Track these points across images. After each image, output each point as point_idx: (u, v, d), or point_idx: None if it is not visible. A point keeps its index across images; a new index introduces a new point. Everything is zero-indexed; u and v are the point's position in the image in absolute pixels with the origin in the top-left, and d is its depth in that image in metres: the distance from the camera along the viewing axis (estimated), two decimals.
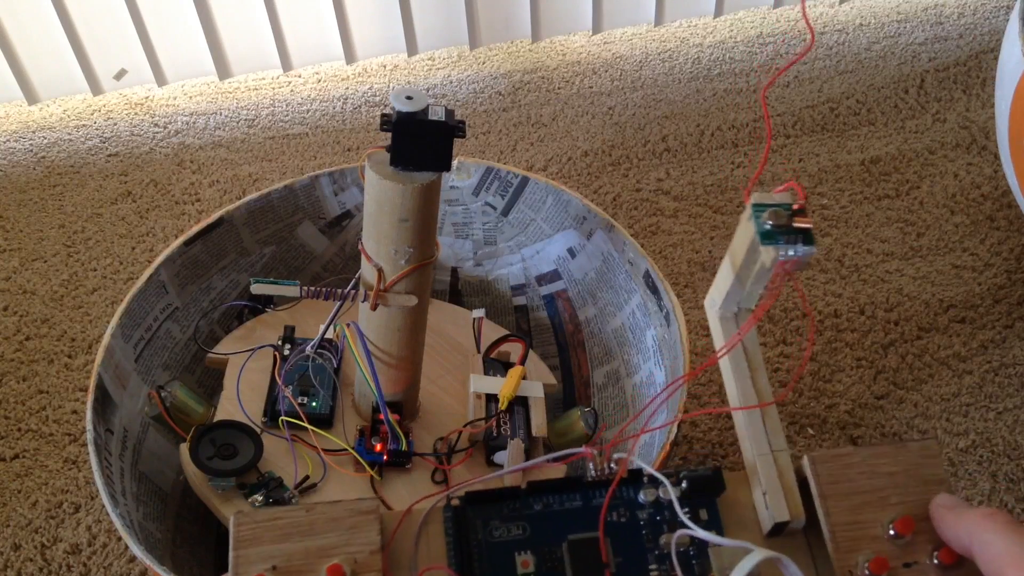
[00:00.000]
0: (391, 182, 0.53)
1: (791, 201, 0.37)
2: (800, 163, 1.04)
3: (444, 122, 0.53)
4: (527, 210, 0.79)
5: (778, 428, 0.40)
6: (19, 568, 0.73)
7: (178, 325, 0.72)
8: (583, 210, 0.76)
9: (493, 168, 0.78)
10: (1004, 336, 0.86)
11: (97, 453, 0.59)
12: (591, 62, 1.20)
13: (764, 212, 0.37)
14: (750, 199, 0.38)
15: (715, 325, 0.43)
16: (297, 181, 0.76)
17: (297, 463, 0.63)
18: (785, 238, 0.37)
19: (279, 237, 0.77)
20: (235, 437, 0.62)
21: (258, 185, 1.04)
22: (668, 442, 0.60)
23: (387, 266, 0.57)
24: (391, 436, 0.63)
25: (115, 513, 0.56)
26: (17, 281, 0.95)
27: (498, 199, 0.79)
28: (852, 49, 1.19)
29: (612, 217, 0.98)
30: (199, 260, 0.73)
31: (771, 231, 0.37)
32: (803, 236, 0.37)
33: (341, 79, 1.19)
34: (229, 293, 0.75)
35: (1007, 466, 0.76)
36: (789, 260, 0.36)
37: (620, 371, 0.76)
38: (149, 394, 0.67)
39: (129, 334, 0.67)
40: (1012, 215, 0.96)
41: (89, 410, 0.61)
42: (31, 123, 1.14)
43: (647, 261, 0.71)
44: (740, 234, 0.39)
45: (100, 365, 0.63)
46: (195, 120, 1.13)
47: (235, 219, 0.74)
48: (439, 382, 0.72)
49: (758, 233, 0.37)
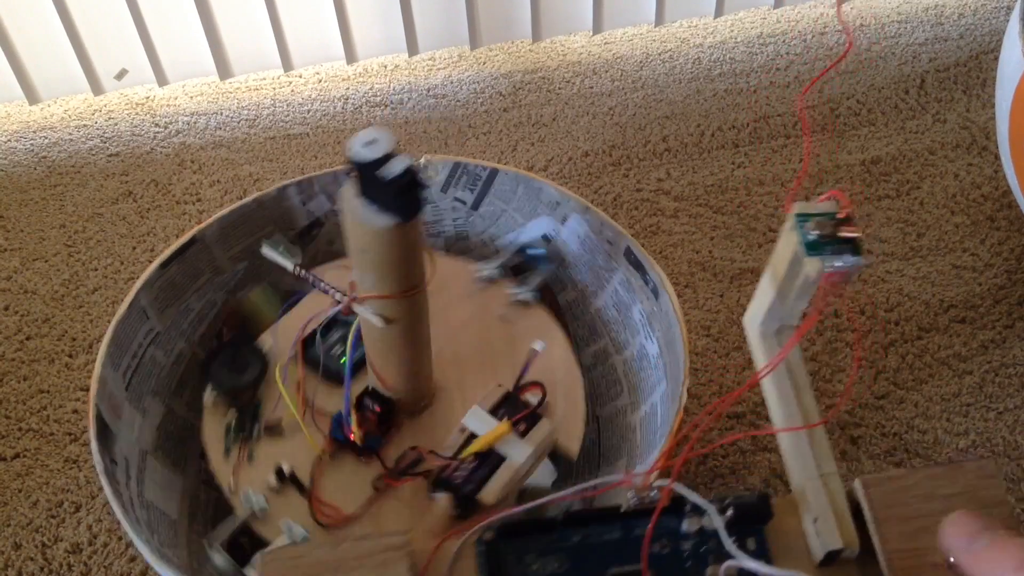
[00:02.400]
0: (349, 212, 0.52)
1: (835, 210, 0.36)
2: (800, 163, 1.04)
3: (386, 183, 0.50)
4: (498, 202, 0.79)
5: (827, 450, 0.38)
6: (20, 567, 0.73)
7: (161, 350, 0.71)
8: (555, 196, 0.76)
9: (460, 163, 0.78)
10: (1004, 336, 0.86)
11: (110, 482, 0.59)
12: (591, 62, 1.20)
13: (808, 222, 0.35)
14: (792, 208, 0.36)
15: (755, 342, 0.40)
16: (264, 194, 0.75)
17: (284, 405, 0.68)
18: (831, 248, 0.35)
19: (251, 251, 0.76)
20: (248, 354, 0.70)
21: (259, 185, 1.04)
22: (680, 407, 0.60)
23: (357, 284, 0.58)
24: (347, 425, 0.64)
25: (139, 539, 0.56)
26: (18, 281, 0.95)
27: (467, 193, 0.79)
28: (852, 49, 1.19)
29: (612, 217, 0.98)
30: (176, 282, 0.72)
31: (816, 241, 0.35)
32: (850, 246, 0.35)
33: (342, 79, 1.19)
34: (207, 314, 0.75)
35: (1007, 466, 0.76)
36: (836, 272, 0.34)
37: (608, 349, 0.76)
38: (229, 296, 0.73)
39: (118, 363, 0.67)
40: (1012, 215, 0.96)
41: (93, 441, 0.61)
42: (32, 123, 1.14)
43: (628, 238, 0.71)
44: (782, 245, 0.37)
45: (96, 396, 0.63)
46: (196, 120, 1.13)
47: (207, 237, 0.74)
48: (471, 363, 0.70)
49: (802, 244, 0.35)
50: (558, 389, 0.68)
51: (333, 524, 0.62)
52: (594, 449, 0.73)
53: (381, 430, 0.66)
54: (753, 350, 0.41)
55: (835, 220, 0.35)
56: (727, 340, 0.87)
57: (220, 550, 0.62)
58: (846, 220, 0.35)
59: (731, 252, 0.95)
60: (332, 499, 0.64)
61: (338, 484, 0.64)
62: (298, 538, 0.60)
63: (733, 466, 0.77)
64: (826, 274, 0.34)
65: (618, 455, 0.70)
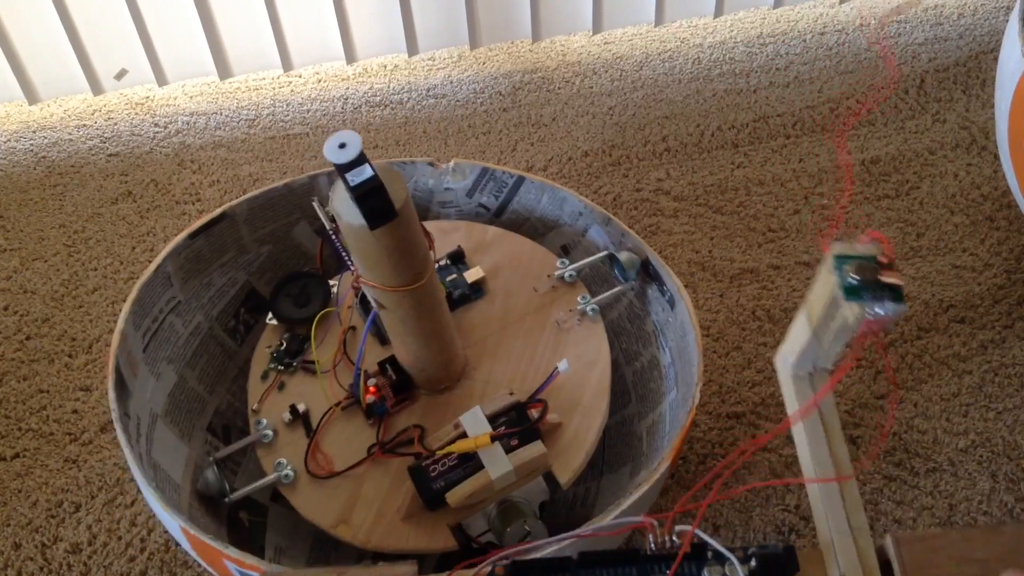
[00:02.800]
0: (335, 205, 0.55)
1: (876, 253, 0.34)
2: (800, 163, 1.04)
3: (351, 188, 0.52)
4: (521, 210, 0.79)
5: (858, 504, 0.37)
6: (19, 567, 0.73)
7: (181, 319, 0.72)
8: (579, 206, 0.76)
9: (489, 169, 0.78)
10: (1004, 336, 0.86)
11: (124, 430, 0.61)
12: (591, 62, 1.20)
13: (848, 265, 0.33)
14: (831, 249, 0.34)
15: (787, 384, 0.39)
16: (296, 180, 0.76)
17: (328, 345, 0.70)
18: (872, 294, 0.33)
19: (276, 236, 0.77)
20: (315, 290, 0.72)
21: (258, 185, 1.04)
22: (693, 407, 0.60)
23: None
24: (356, 385, 0.66)
25: (149, 487, 0.58)
26: (18, 281, 0.95)
27: (492, 199, 0.79)
28: (852, 49, 1.19)
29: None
30: (201, 254, 0.73)
31: (857, 286, 0.33)
32: (891, 292, 0.33)
33: (341, 79, 1.19)
34: (228, 291, 0.76)
35: (1007, 466, 0.76)
36: (877, 319, 0.33)
37: (619, 360, 0.76)
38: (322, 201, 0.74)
39: (139, 323, 0.68)
40: (1012, 215, 0.96)
41: (111, 390, 0.62)
42: (32, 123, 1.14)
43: (647, 250, 0.71)
44: (819, 287, 0.35)
45: (116, 349, 0.64)
46: (195, 120, 1.13)
47: (237, 215, 0.74)
48: (509, 361, 0.70)
49: (842, 288, 0.33)
50: (578, 413, 0.66)
51: (320, 474, 0.64)
52: (598, 456, 0.73)
53: (396, 399, 0.66)
54: (784, 391, 0.39)
55: (877, 264, 0.34)
56: (727, 340, 0.87)
57: (212, 466, 0.64)
58: (888, 265, 0.34)
59: (731, 252, 0.95)
60: (330, 450, 0.65)
61: (341, 438, 0.66)
62: (283, 479, 0.64)
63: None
64: (867, 320, 0.33)
65: (623, 462, 0.70)
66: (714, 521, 0.74)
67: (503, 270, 0.74)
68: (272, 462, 0.65)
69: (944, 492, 0.75)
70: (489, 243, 0.76)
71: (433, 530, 0.61)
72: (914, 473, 0.76)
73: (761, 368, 0.84)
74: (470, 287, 0.73)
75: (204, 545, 0.56)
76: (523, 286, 0.73)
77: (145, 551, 0.74)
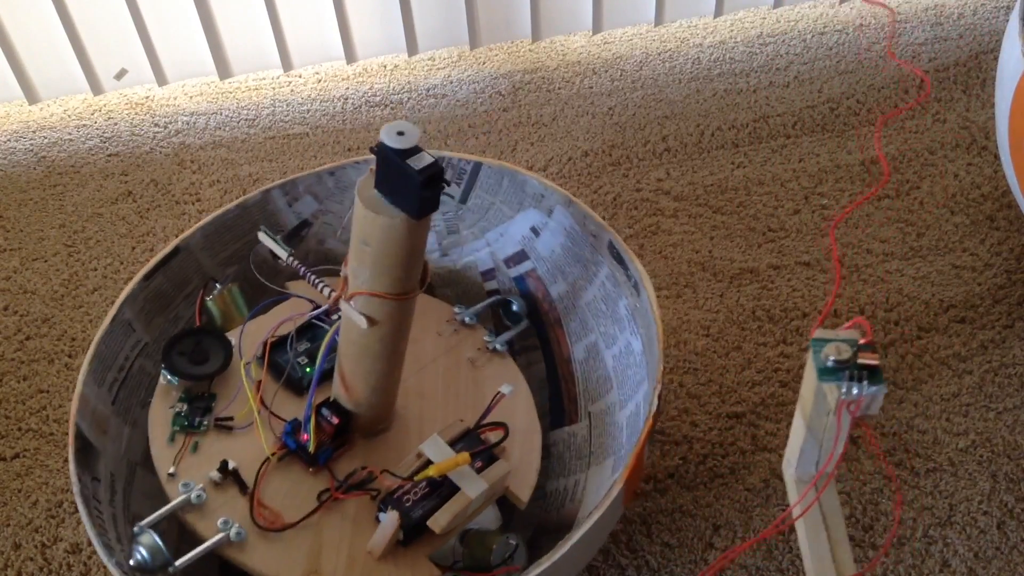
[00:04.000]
0: (361, 202, 0.53)
1: (857, 337, 0.34)
2: (800, 163, 1.04)
3: (415, 172, 0.50)
4: (485, 194, 0.79)
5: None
6: (19, 567, 0.73)
7: (151, 360, 0.71)
8: (540, 188, 0.76)
9: (443, 156, 0.78)
10: (1004, 336, 0.86)
11: (86, 504, 0.58)
12: (591, 62, 1.20)
13: (825, 347, 0.33)
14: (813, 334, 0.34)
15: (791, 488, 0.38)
16: (249, 198, 0.75)
17: (239, 401, 0.67)
18: (847, 374, 0.33)
19: (240, 256, 0.76)
20: (212, 346, 0.68)
21: (258, 185, 1.04)
22: (650, 415, 0.60)
23: (350, 278, 0.58)
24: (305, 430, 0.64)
25: (111, 562, 0.55)
26: (17, 281, 0.95)
27: (454, 187, 0.79)
28: (852, 49, 1.19)
29: (612, 217, 0.98)
30: (162, 291, 0.72)
31: (832, 368, 0.33)
32: (868, 373, 0.33)
33: (341, 79, 1.19)
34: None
35: (1007, 466, 0.76)
36: (853, 400, 0.32)
37: (599, 344, 0.76)
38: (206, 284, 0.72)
39: (101, 378, 0.66)
40: (1012, 215, 0.96)
41: (72, 462, 0.60)
42: (32, 123, 1.14)
43: (609, 232, 0.71)
44: (806, 377, 0.35)
45: (76, 415, 0.62)
46: (195, 120, 1.13)
47: (192, 246, 0.73)
48: (435, 398, 0.71)
49: (817, 370, 0.33)
50: (516, 436, 0.68)
51: (271, 528, 0.61)
52: (585, 446, 0.73)
53: (335, 443, 0.65)
54: (789, 495, 0.39)
55: (855, 346, 0.33)
56: (727, 340, 0.87)
57: (147, 531, 0.58)
58: (867, 347, 0.34)
59: (731, 252, 0.95)
60: (272, 503, 0.63)
61: (282, 490, 0.64)
62: (233, 537, 0.60)
63: (733, 466, 0.77)
64: (842, 401, 0.32)
65: (607, 454, 0.70)
66: (714, 521, 0.74)
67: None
68: (207, 526, 0.61)
69: (944, 492, 0.75)
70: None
71: (414, 564, 0.61)
72: (914, 473, 0.76)
73: (761, 368, 0.84)
74: None
75: None
76: (426, 332, 0.75)
77: None
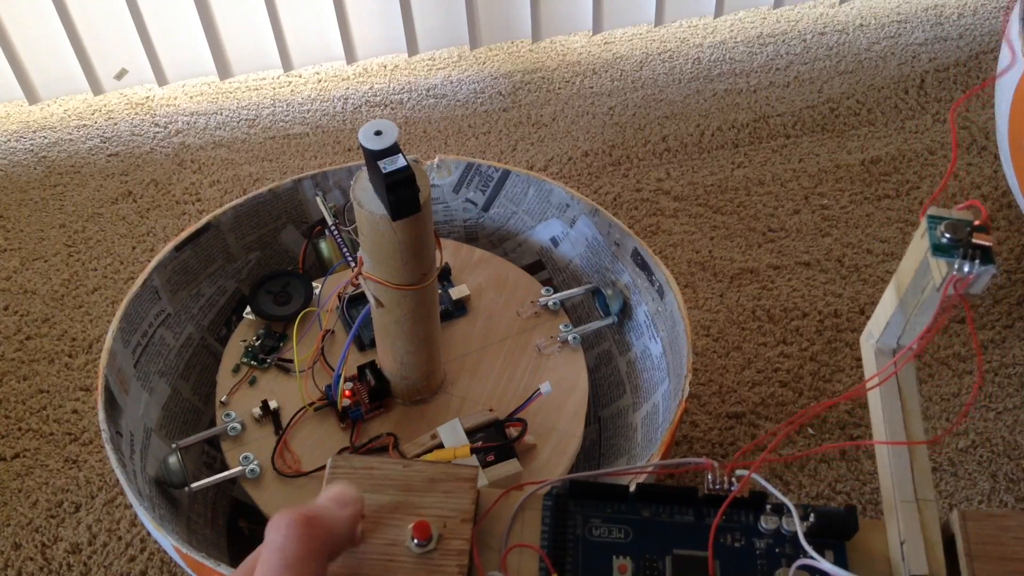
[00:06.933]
0: (353, 190, 0.54)
1: (972, 218, 0.34)
2: (800, 163, 1.04)
3: (383, 175, 0.50)
4: (508, 203, 0.79)
5: (927, 475, 0.36)
6: (19, 567, 0.73)
7: (171, 332, 0.72)
8: (566, 197, 0.76)
9: (473, 163, 0.78)
10: (1004, 336, 0.86)
11: (116, 452, 0.60)
12: (591, 62, 1.20)
13: (941, 224, 0.33)
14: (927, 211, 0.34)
15: (868, 357, 0.39)
16: (281, 185, 0.76)
17: (305, 346, 0.70)
18: (961, 252, 0.33)
19: (263, 242, 0.77)
20: (296, 290, 0.72)
21: (258, 185, 1.04)
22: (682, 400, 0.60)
23: (363, 259, 0.59)
24: (336, 393, 0.65)
25: (141, 507, 0.57)
26: (17, 281, 0.95)
27: (479, 194, 0.79)
28: (852, 49, 1.19)
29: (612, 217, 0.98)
30: (188, 266, 0.73)
31: (947, 244, 0.33)
32: (982, 253, 0.33)
33: (341, 79, 1.19)
34: (218, 300, 0.75)
35: (1007, 466, 0.76)
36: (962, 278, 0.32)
37: (612, 351, 0.76)
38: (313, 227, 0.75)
39: (128, 339, 0.68)
40: (1012, 215, 0.96)
41: (101, 411, 0.62)
42: (32, 123, 1.14)
43: (635, 240, 0.71)
44: (910, 254, 0.35)
45: (105, 367, 0.64)
46: (196, 120, 1.13)
47: (222, 224, 0.74)
48: (487, 380, 0.70)
49: (931, 245, 0.33)
50: (552, 438, 0.67)
51: (287, 472, 0.64)
52: (595, 449, 0.73)
53: (372, 405, 0.66)
54: (866, 365, 0.39)
55: (971, 227, 0.33)
56: (727, 340, 0.87)
57: (176, 451, 0.63)
58: (981, 228, 0.33)
59: (731, 252, 0.95)
60: (299, 450, 0.65)
61: (311, 439, 0.66)
62: (248, 474, 0.63)
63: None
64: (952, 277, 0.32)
65: (619, 454, 0.70)
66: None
67: (487, 291, 0.74)
68: (238, 456, 0.64)
69: (944, 492, 0.75)
70: (475, 264, 0.76)
71: None
72: None
73: (761, 368, 0.84)
74: (454, 304, 0.73)
75: (199, 564, 0.55)
76: (506, 309, 0.74)
77: (145, 551, 0.74)
